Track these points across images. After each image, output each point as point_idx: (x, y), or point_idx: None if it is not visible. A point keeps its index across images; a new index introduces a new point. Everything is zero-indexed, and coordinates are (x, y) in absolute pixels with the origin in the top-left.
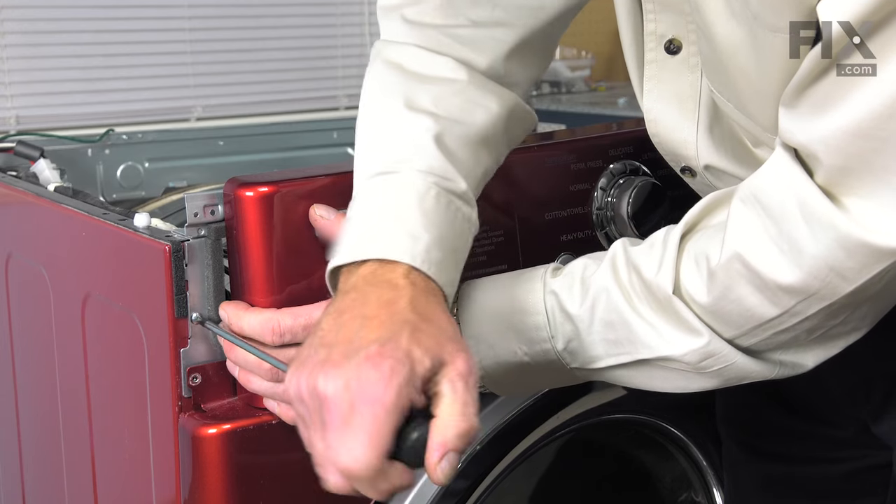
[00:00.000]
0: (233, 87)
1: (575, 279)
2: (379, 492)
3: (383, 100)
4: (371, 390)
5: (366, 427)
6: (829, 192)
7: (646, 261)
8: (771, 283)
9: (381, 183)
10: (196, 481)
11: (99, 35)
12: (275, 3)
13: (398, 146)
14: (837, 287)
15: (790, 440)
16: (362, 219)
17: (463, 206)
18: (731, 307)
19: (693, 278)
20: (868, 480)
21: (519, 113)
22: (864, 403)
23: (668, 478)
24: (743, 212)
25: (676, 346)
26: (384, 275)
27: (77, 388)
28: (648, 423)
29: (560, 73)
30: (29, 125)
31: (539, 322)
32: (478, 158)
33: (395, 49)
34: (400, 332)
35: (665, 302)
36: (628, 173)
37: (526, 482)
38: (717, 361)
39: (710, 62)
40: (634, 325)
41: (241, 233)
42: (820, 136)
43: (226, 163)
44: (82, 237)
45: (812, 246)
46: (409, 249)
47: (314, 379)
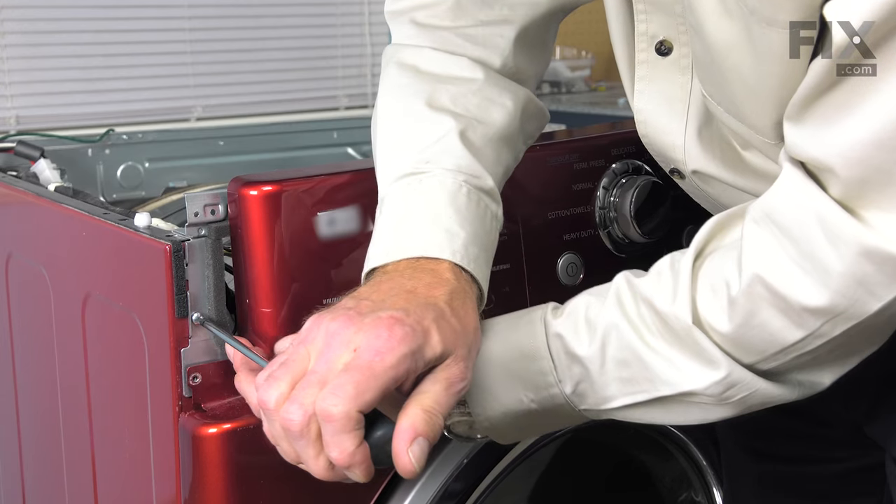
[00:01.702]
0: (233, 87)
1: (579, 319)
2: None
3: (403, 101)
4: (377, 344)
5: (359, 375)
6: (847, 206)
7: (657, 291)
8: (796, 305)
9: (411, 183)
10: (196, 481)
11: (99, 35)
12: (275, 3)
13: (424, 146)
14: (866, 304)
15: (786, 440)
16: (396, 219)
17: (490, 203)
18: (753, 333)
19: (712, 306)
20: (863, 481)
21: (533, 108)
22: (857, 404)
23: (668, 478)
24: (758, 233)
25: (698, 381)
26: (428, 265)
27: (77, 387)
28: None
29: (560, 73)
30: (29, 125)
31: (544, 367)
32: (499, 156)
33: (409, 52)
34: (427, 312)
35: (683, 333)
36: (631, 173)
37: (526, 482)
38: (740, 390)
39: (702, 62)
40: (650, 362)
41: (245, 232)
42: (835, 148)
43: (226, 163)
44: (82, 237)
45: (838, 263)
46: (448, 246)
47: (334, 321)
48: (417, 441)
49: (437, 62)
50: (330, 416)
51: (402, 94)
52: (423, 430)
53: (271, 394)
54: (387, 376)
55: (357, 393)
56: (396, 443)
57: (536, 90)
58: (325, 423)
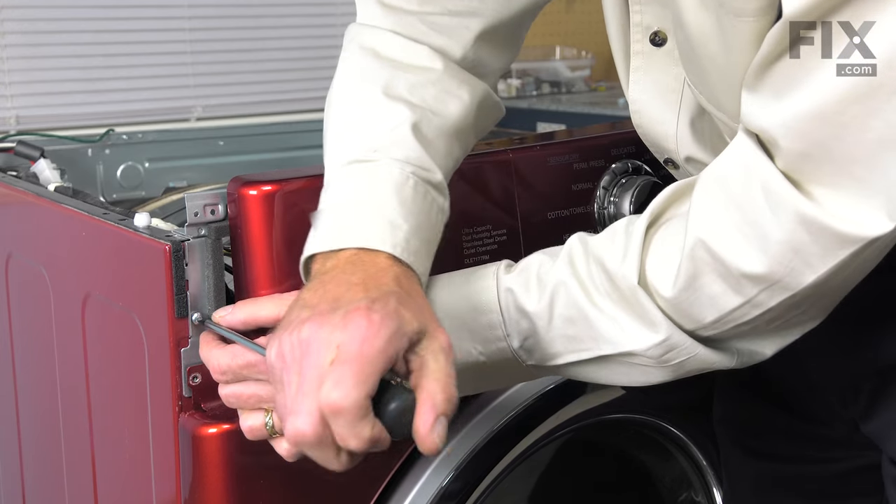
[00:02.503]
0: (233, 87)
1: (531, 275)
2: (360, 438)
3: (360, 85)
4: (360, 333)
5: (353, 364)
6: (792, 179)
7: (608, 251)
8: (735, 271)
9: (358, 170)
10: (196, 481)
11: (99, 35)
12: (275, 3)
13: (375, 134)
14: (802, 275)
15: (784, 440)
16: (340, 206)
17: (438, 196)
18: (694, 297)
19: (659, 271)
20: (863, 481)
21: (489, 104)
22: (853, 403)
23: (668, 478)
24: (705, 199)
25: (639, 341)
26: (368, 259)
27: (77, 387)
28: (648, 423)
29: (560, 73)
30: (29, 125)
31: (493, 320)
32: (450, 149)
33: (371, 34)
34: (389, 297)
35: (629, 293)
36: (630, 173)
37: (526, 482)
38: (678, 354)
39: (684, 52)
40: (595, 321)
41: (245, 231)
42: (780, 119)
43: (226, 163)
44: (82, 237)
45: (776, 230)
46: (389, 238)
47: (297, 332)
48: (440, 420)
49: (397, 48)
50: (339, 408)
51: (359, 78)
52: (442, 408)
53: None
54: (381, 359)
55: (358, 380)
56: (419, 425)
57: (536, 90)
58: (336, 418)
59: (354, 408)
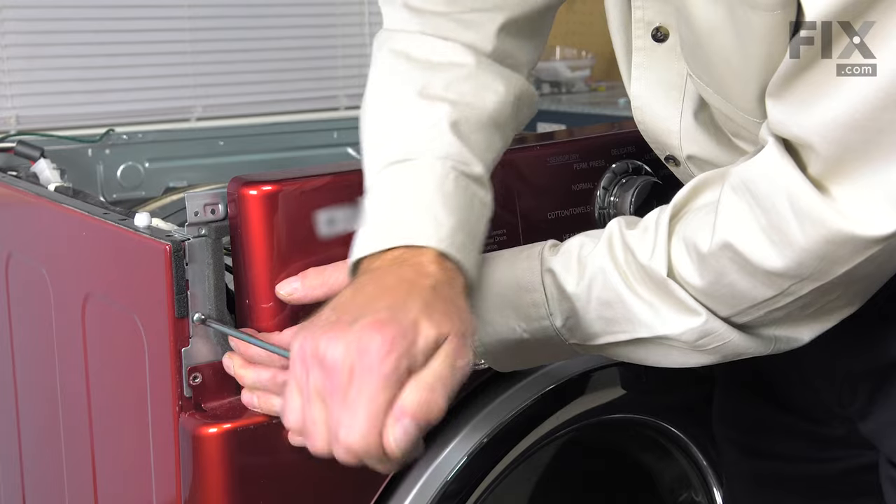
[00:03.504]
0: (233, 87)
1: (572, 257)
2: (383, 464)
3: (394, 89)
4: (368, 360)
5: (363, 401)
6: (821, 183)
7: (640, 245)
8: (761, 271)
9: (400, 171)
10: (196, 481)
11: (99, 35)
12: (275, 3)
13: (414, 135)
14: (830, 270)
15: (784, 439)
16: (383, 207)
17: (479, 189)
18: (724, 290)
19: (685, 263)
20: (862, 480)
21: (526, 95)
22: (850, 402)
23: (668, 478)
24: (733, 200)
25: (674, 326)
26: (412, 258)
27: (77, 387)
28: (648, 423)
29: (560, 73)
30: (29, 125)
31: (537, 299)
32: (490, 142)
33: (401, 37)
34: (413, 303)
35: (661, 284)
36: (631, 173)
37: (526, 482)
38: (713, 340)
39: (688, 45)
40: (632, 305)
41: (245, 231)
42: (815, 127)
43: (226, 163)
44: (82, 237)
45: (802, 240)
46: (434, 234)
47: (317, 340)
48: (401, 422)
49: (429, 48)
50: (352, 448)
51: (392, 81)
52: (412, 410)
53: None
54: (389, 387)
55: (370, 417)
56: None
57: (536, 90)
58: (354, 455)
59: (367, 446)
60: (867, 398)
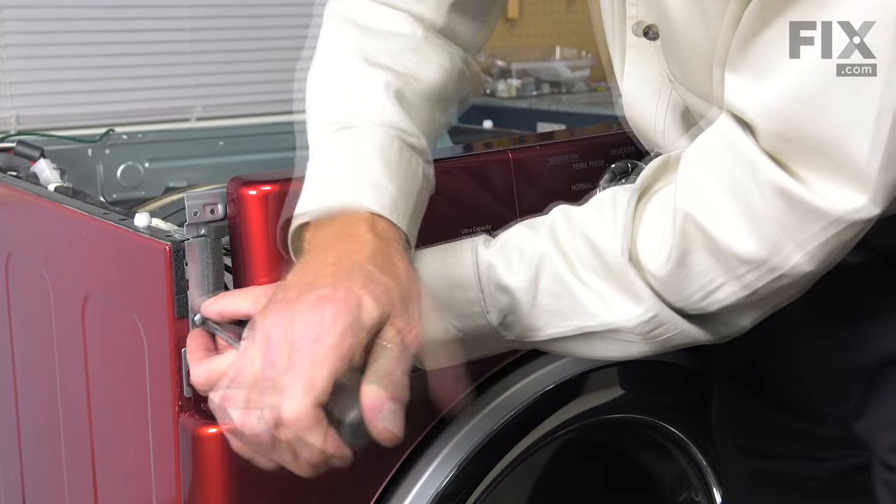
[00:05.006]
0: (233, 87)
1: (512, 250)
2: (311, 449)
3: (340, 55)
4: (313, 330)
5: (304, 369)
6: (775, 160)
7: (596, 224)
8: (724, 247)
9: (342, 136)
10: (196, 481)
11: (99, 35)
12: (275, 3)
13: (357, 100)
14: (790, 255)
15: (780, 439)
16: (325, 171)
17: (422, 162)
18: (684, 275)
19: (650, 247)
20: (858, 480)
21: (469, 72)
22: (844, 401)
23: (668, 478)
24: (691, 174)
25: (626, 317)
26: (349, 230)
27: (77, 387)
28: (648, 423)
29: (560, 73)
30: (29, 125)
31: (472, 297)
32: (432, 115)
33: (349, 5)
34: (354, 279)
35: (617, 267)
36: (630, 173)
37: (525, 483)
38: (666, 330)
39: (667, 41)
40: (580, 295)
41: (244, 231)
42: (760, 101)
43: (226, 163)
44: (82, 237)
45: (762, 206)
46: (376, 199)
47: (267, 317)
48: (384, 410)
49: (377, 16)
50: (284, 420)
51: (339, 48)
52: (387, 396)
53: (232, 413)
54: (331, 359)
55: (307, 388)
56: (368, 420)
57: (536, 90)
58: (283, 429)
59: (298, 420)
60: (860, 397)
